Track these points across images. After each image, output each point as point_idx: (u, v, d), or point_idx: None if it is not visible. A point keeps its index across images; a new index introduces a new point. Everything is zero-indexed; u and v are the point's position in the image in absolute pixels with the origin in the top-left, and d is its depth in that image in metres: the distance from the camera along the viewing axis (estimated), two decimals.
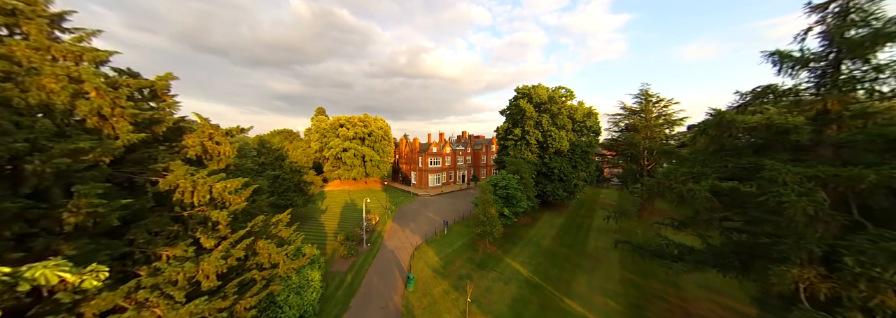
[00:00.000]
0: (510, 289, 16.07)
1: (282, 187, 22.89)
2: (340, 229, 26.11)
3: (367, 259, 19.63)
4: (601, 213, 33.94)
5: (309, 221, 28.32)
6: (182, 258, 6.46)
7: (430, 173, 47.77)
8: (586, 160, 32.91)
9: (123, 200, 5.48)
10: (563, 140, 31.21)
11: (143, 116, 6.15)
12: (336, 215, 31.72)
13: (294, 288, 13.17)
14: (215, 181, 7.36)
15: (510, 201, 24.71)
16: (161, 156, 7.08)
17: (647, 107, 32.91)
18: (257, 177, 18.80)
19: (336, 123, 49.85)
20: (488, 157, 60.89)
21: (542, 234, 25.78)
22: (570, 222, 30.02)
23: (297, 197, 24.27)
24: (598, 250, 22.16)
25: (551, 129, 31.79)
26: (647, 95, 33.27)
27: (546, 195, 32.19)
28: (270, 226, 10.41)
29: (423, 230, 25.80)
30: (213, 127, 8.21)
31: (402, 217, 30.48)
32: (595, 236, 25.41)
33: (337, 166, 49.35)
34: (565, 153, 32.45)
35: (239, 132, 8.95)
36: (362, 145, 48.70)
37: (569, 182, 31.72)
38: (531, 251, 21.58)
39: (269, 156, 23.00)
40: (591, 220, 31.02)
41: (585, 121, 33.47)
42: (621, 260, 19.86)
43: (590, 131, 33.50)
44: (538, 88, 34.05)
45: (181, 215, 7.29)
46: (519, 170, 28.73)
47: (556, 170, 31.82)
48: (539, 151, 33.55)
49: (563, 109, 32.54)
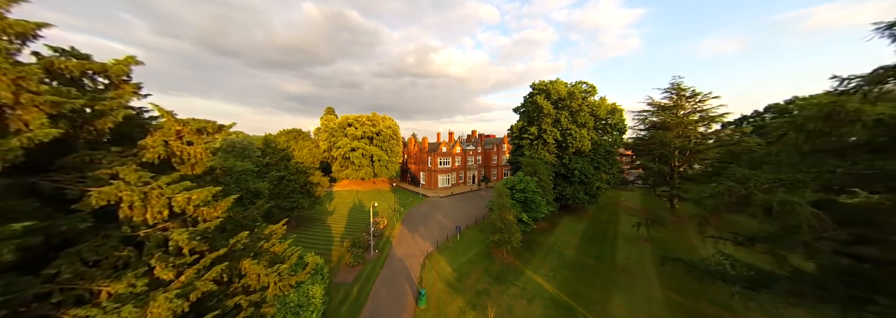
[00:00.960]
0: (535, 309, 14.07)
1: (287, 188, 21.57)
2: (347, 232, 24.66)
3: (374, 269, 17.99)
4: (625, 218, 31.32)
5: (315, 223, 27.02)
6: (126, 297, 4.85)
7: (440, 173, 45.98)
8: (610, 161, 30.35)
9: (24, 222, 3.87)
10: (585, 139, 28.77)
11: (69, 105, 4.55)
12: (343, 217, 30.35)
13: (292, 308, 11.60)
14: (176, 192, 5.72)
15: (528, 205, 22.60)
16: (107, 159, 5.50)
17: (680, 102, 30.03)
18: (258, 179, 17.44)
19: (344, 123, 48.69)
20: (499, 157, 58.61)
21: (563, 242, 23.56)
22: (593, 229, 27.61)
23: (303, 199, 22.94)
24: (629, 262, 19.82)
25: (571, 127, 29.40)
26: (680, 89, 30.39)
27: (566, 199, 29.85)
28: (261, 240, 8.80)
29: (434, 236, 24.02)
30: (181, 123, 6.59)
31: (412, 221, 28.81)
32: (623, 245, 22.99)
33: (345, 166, 48.21)
34: (587, 154, 30.00)
35: (216, 131, 7.32)
36: (370, 145, 47.37)
37: (590, 185, 29.28)
38: (554, 263, 19.46)
39: (274, 156, 21.73)
40: (616, 226, 28.49)
41: (609, 118, 30.84)
42: (659, 275, 17.51)
43: (614, 130, 30.83)
44: (556, 83, 31.66)
45: (135, 236, 5.70)
46: (536, 171, 26.55)
47: (576, 171, 29.43)
48: (557, 151, 31.21)
49: (585, 106, 30.05)
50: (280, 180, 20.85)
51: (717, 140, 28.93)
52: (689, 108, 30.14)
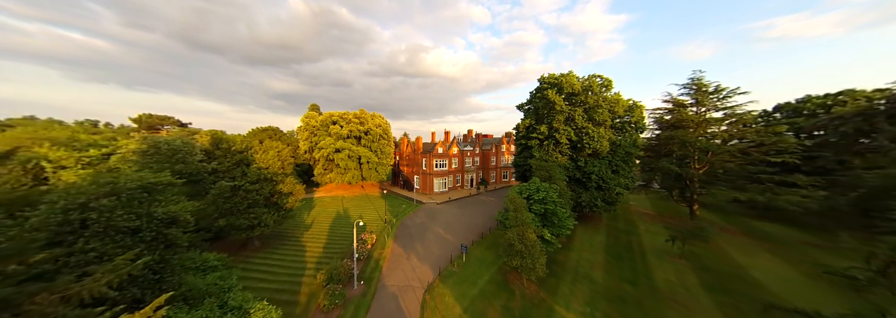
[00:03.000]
0: None
1: (244, 202, 16.72)
2: (326, 254, 20.08)
3: (358, 312, 13.62)
4: (644, 227, 28.21)
5: (286, 242, 22.16)
6: None
7: (436, 176, 41.80)
8: (629, 163, 27.10)
9: None
10: (603, 140, 25.37)
11: None
12: (323, 232, 25.66)
13: None
14: None
15: (549, 219, 18.83)
16: None
17: (702, 99, 27.15)
18: (194, 195, 12.74)
19: (328, 120, 43.60)
20: (498, 158, 55.01)
21: (587, 260, 19.94)
22: (614, 241, 24.22)
23: (268, 214, 18.18)
24: (672, 287, 16.37)
25: (587, 126, 25.95)
26: (701, 85, 27.52)
27: (582, 207, 26.39)
28: None
29: (435, 256, 19.87)
30: None
31: (406, 235, 24.52)
32: (657, 264, 19.61)
33: (329, 169, 43.19)
34: (604, 155, 26.64)
35: None
36: (358, 145, 42.57)
37: (609, 191, 25.94)
38: (585, 292, 15.74)
39: (226, 160, 16.75)
40: (638, 237, 25.25)
41: (628, 116, 27.58)
42: (719, 307, 14.09)
43: (634, 129, 27.59)
44: (569, 76, 28.16)
45: None
46: (552, 176, 22.87)
47: (593, 176, 26.01)
48: (571, 153, 27.72)
49: (602, 102, 26.68)
50: (233, 191, 16.05)
51: (746, 140, 26.15)
52: (711, 105, 27.30)
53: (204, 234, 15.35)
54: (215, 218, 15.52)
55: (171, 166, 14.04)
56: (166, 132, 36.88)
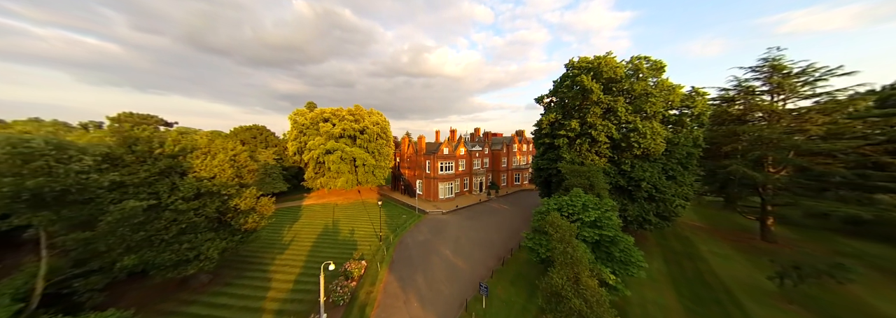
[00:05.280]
0: None
1: (172, 228, 11.44)
2: (296, 290, 14.84)
3: None
4: (707, 247, 22.36)
5: (246, 274, 16.85)
6: None
7: (441, 180, 36.42)
8: (688, 167, 21.32)
9: None
10: (658, 137, 19.66)
11: None
12: (303, 253, 20.51)
13: None
14: None
15: (606, 249, 13.27)
16: None
17: (785, 82, 21.15)
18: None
19: (318, 118, 38.61)
20: (509, 159, 49.34)
21: (653, 303, 14.30)
22: (679, 271, 18.53)
23: (212, 243, 12.96)
24: None
25: (634, 119, 20.29)
26: (778, 66, 21.55)
27: (628, 223, 20.71)
28: None
29: (443, 297, 14.51)
30: None
31: (406, 261, 19.20)
32: (757, 311, 13.85)
33: (319, 173, 38.19)
34: (656, 157, 20.91)
35: None
36: (353, 146, 37.46)
37: (665, 202, 20.19)
38: None
39: (142, 169, 11.39)
40: (706, 263, 19.48)
41: (685, 106, 21.82)
42: None
43: (695, 123, 21.79)
44: (608, 59, 22.42)
45: None
46: (593, 185, 17.32)
47: (643, 183, 20.29)
48: (612, 154, 22.04)
49: (652, 90, 20.95)
50: (151, 212, 10.79)
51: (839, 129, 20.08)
52: (796, 91, 21.31)
53: (98, 278, 10.35)
54: (119, 254, 10.45)
55: (22, 180, 8.83)
56: None
